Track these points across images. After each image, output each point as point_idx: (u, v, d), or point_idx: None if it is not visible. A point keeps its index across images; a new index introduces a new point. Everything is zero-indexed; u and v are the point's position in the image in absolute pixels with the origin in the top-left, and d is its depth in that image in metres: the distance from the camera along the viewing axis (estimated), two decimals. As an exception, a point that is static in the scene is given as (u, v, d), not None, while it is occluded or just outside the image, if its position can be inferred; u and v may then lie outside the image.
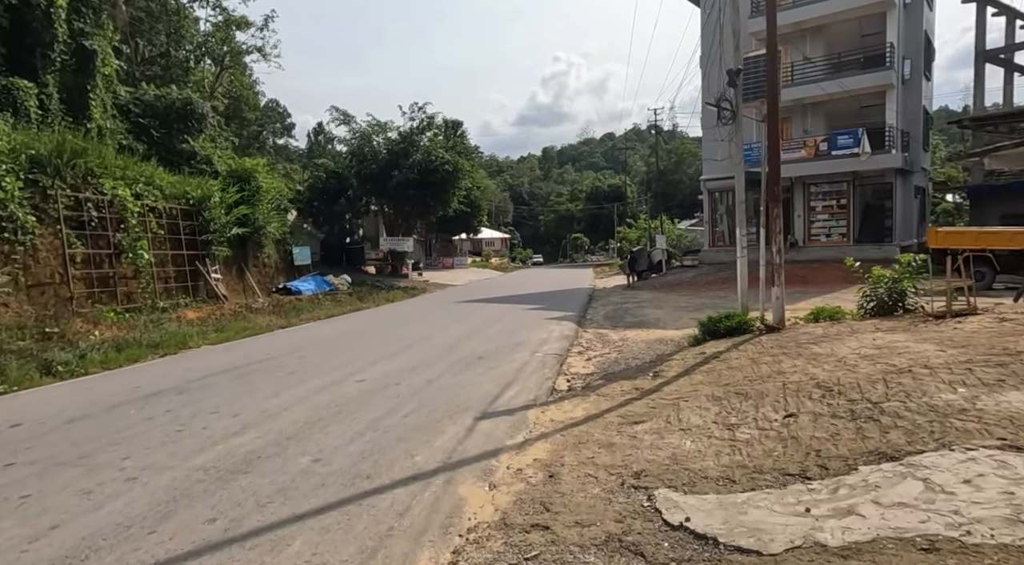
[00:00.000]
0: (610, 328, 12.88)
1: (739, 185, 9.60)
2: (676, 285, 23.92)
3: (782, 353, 6.82)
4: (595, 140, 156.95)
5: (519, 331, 12.16)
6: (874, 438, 3.94)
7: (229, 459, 4.59)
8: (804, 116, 25.29)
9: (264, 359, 9.44)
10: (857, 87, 23.29)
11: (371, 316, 16.97)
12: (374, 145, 31.53)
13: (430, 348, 10.11)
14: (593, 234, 75.93)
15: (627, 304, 17.98)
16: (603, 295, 21.93)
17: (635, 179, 75.25)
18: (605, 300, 19.91)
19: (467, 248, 74.42)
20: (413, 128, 31.35)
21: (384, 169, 30.25)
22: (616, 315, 15.16)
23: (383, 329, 13.48)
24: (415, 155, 30.14)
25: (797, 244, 25.17)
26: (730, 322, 8.79)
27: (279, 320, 15.95)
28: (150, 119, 24.31)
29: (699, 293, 20.71)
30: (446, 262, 45.68)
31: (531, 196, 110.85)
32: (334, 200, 32.24)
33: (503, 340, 10.83)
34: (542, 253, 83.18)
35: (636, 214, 54.26)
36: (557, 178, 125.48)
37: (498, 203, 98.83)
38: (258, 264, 24.02)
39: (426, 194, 30.49)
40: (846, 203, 24.65)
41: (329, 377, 7.69)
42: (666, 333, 11.51)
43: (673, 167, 63.77)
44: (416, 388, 6.94)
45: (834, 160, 23.47)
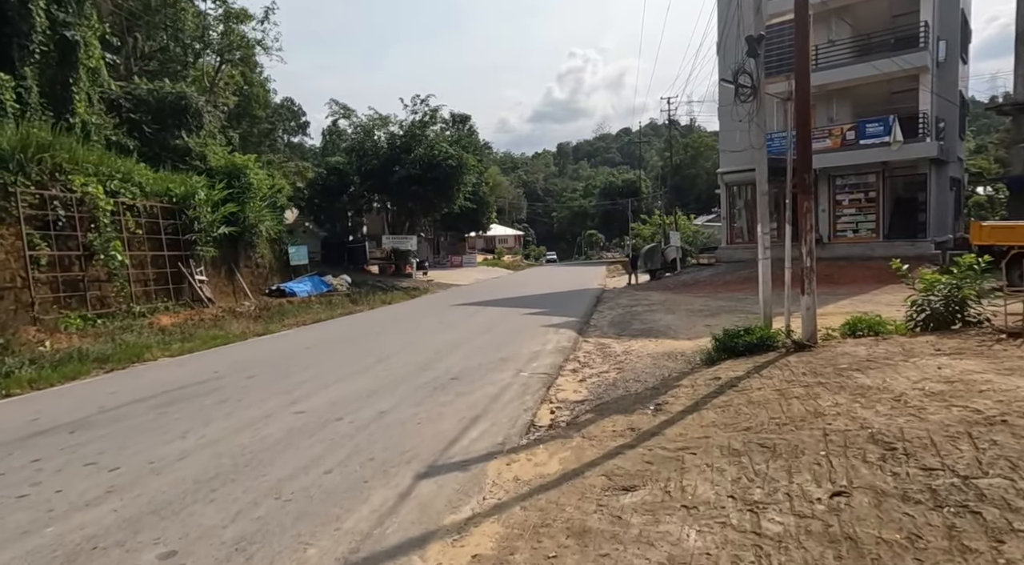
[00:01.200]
0: (614, 337, 11.49)
1: (760, 174, 8.16)
2: (691, 285, 22.38)
3: (818, 383, 5.40)
4: (611, 136, 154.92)
5: (511, 342, 10.82)
6: (982, 551, 2.54)
7: (38, 558, 3.30)
8: (829, 103, 23.57)
9: (208, 379, 8.22)
10: (888, 71, 21.50)
11: (358, 321, 15.74)
12: (375, 140, 30.34)
13: (401, 365, 8.81)
14: (607, 230, 74.24)
15: (636, 307, 16.54)
16: (612, 297, 20.49)
17: (651, 174, 73.40)
18: (613, 302, 18.49)
19: (480, 246, 73.22)
20: (415, 121, 30.08)
21: (385, 164, 29.05)
22: (623, 321, 13.74)
23: (360, 338, 12.23)
24: (417, 149, 28.89)
25: (822, 241, 23.47)
26: (750, 337, 7.37)
27: (257, 326, 14.78)
28: (142, 114, 23.31)
29: (715, 294, 19.19)
30: (454, 261, 44.46)
31: (546, 192, 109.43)
32: (336, 197, 31.15)
33: (489, 354, 9.50)
34: (556, 250, 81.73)
35: (651, 210, 52.55)
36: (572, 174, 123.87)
37: (511, 200, 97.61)
38: (250, 265, 22.96)
39: (429, 190, 29.23)
40: (875, 196, 22.90)
41: (265, 407, 6.43)
42: (676, 344, 10.09)
43: (690, 161, 61.83)
44: (360, 424, 5.64)
45: (862, 150, 21.77)
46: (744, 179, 25.45)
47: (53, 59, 18.90)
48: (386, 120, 30.22)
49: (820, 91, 23.44)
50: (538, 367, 8.41)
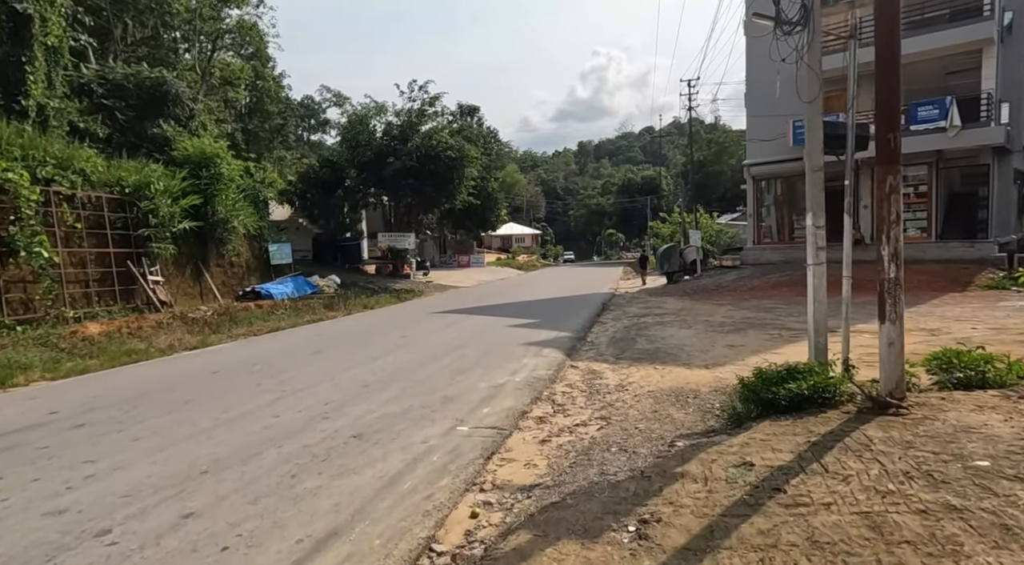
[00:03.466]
0: (610, 361, 9.01)
1: (814, 141, 5.62)
2: (712, 291, 19.72)
3: (943, 505, 2.90)
4: (633, 134, 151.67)
5: (472, 369, 8.40)
6: None
7: None
8: (872, 85, 20.62)
9: (27, 426, 5.96)
10: (944, 45, 18.63)
11: (314, 333, 13.45)
12: (371, 129, 28.16)
13: (299, 409, 6.44)
14: (626, 229, 71.43)
15: (646, 317, 14.00)
16: (622, 303, 17.94)
17: (673, 171, 70.33)
18: (621, 311, 15.96)
19: (496, 245, 71.06)
20: (412, 110, 27.82)
21: (379, 156, 26.86)
22: (626, 337, 11.23)
23: (289, 358, 9.90)
24: (414, 140, 26.63)
25: (863, 241, 20.61)
26: (799, 386, 4.83)
27: (195, 338, 12.58)
28: (116, 100, 21.41)
29: (740, 302, 16.56)
30: (461, 260, 42.18)
31: (565, 191, 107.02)
32: (330, 192, 29.04)
33: (432, 390, 7.10)
34: (575, 250, 79.24)
35: (671, 208, 49.68)
36: (593, 173, 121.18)
37: (530, 198, 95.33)
38: (222, 263, 20.87)
39: (426, 184, 26.97)
40: (927, 191, 20.00)
41: (14, 497, 4.13)
42: (689, 376, 7.60)
43: (713, 157, 58.71)
44: (124, 551, 3.29)
45: (913, 137, 18.86)
46: (774, 171, 22.71)
47: (4, 35, 16.96)
48: (382, 108, 28.02)
49: (863, 71, 20.46)
50: (488, 415, 5.98)
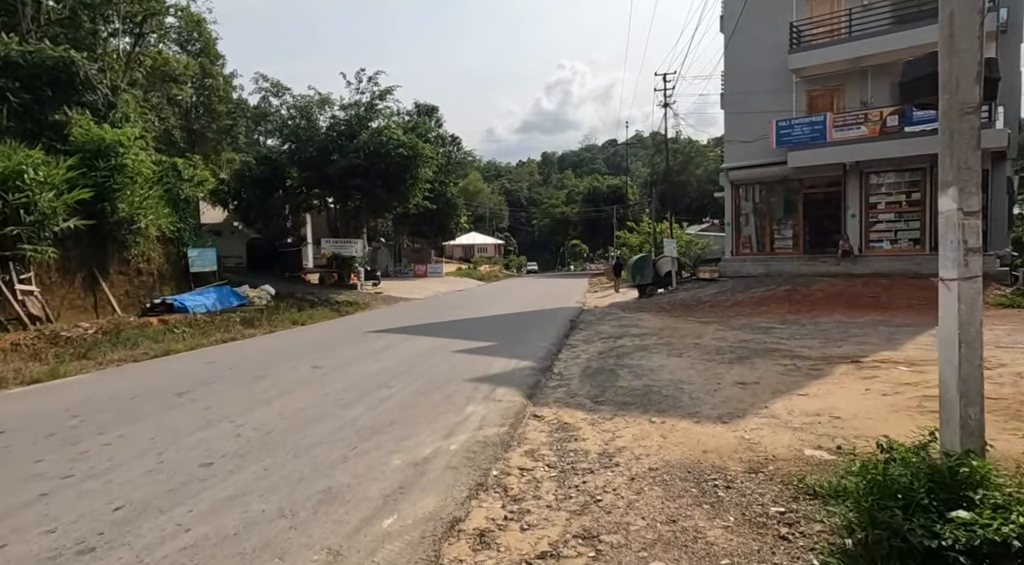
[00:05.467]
0: (588, 407, 6.60)
1: (961, 61, 3.31)
2: (692, 306, 17.61)
3: None
4: (597, 146, 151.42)
5: (391, 426, 5.86)
6: None
7: None
8: (863, 82, 19.06)
9: None
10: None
11: (205, 360, 10.62)
12: (314, 123, 25.34)
13: (27, 539, 3.83)
14: (591, 239, 69.80)
15: (624, 339, 11.68)
16: (592, 321, 15.62)
17: (637, 181, 69.17)
18: (593, 330, 13.63)
19: (458, 254, 68.56)
20: (361, 103, 25.14)
21: (323, 153, 24.07)
22: (604, 368, 8.85)
23: (130, 409, 7.12)
24: (361, 135, 23.96)
25: (851, 253, 18.92)
26: (993, 526, 2.41)
27: (44, 366, 9.67)
28: (7, 80, 18.13)
29: (728, 320, 14.42)
30: (418, 270, 39.43)
31: (529, 201, 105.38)
32: (269, 192, 26.04)
33: (308, 477, 4.51)
34: (539, 260, 77.34)
35: (638, 218, 48.00)
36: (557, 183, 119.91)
37: (493, 208, 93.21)
38: (127, 271, 17.78)
39: (376, 184, 24.27)
40: (920, 198, 18.38)
41: None
42: (703, 437, 5.25)
43: (680, 167, 57.47)
44: None
45: (907, 139, 17.25)
46: (755, 176, 20.87)
47: None
48: (327, 100, 25.23)
49: (852, 67, 18.97)
50: (390, 534, 3.46)
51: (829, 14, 19.08)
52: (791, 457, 4.75)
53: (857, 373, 7.97)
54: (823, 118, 18.51)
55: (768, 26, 19.44)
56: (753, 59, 20.24)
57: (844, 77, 19.22)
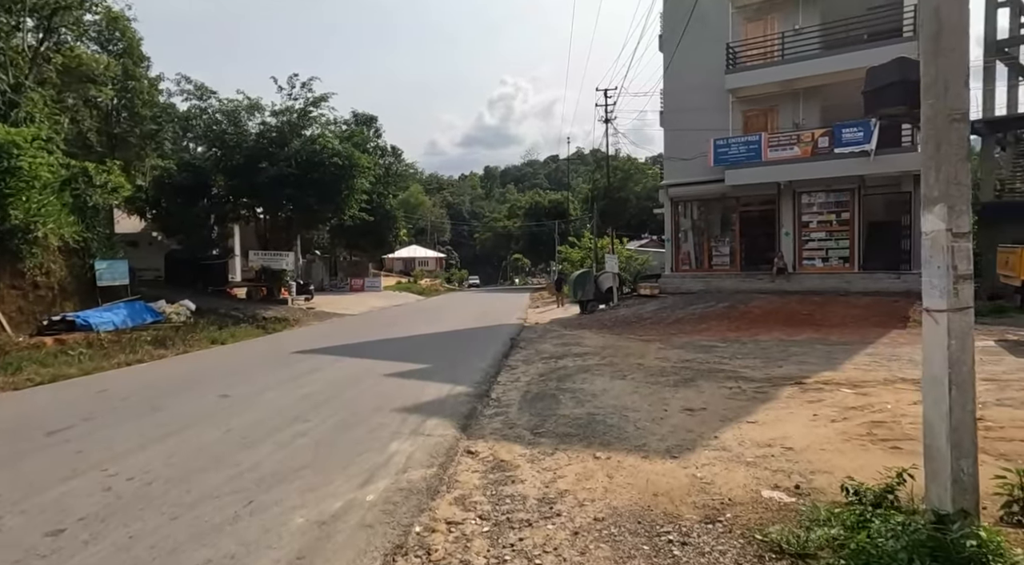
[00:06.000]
0: (527, 441, 6.02)
1: (951, 62, 2.96)
2: (634, 323, 17.41)
3: None
4: (539, 162, 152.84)
5: (298, 473, 5.10)
6: None
7: None
8: (795, 104, 19.57)
9: None
10: (868, 64, 17.59)
11: (98, 388, 9.43)
12: (243, 130, 23.97)
13: None
14: (533, 254, 69.82)
15: (565, 360, 11.21)
16: (533, 339, 15.12)
17: (578, 196, 69.85)
18: (534, 349, 13.11)
19: (398, 268, 67.12)
20: (293, 109, 23.97)
21: (251, 160, 22.75)
22: (545, 392, 8.31)
23: None
24: (293, 143, 22.80)
25: (786, 270, 19.27)
26: None
27: None
28: None
29: (669, 338, 14.24)
30: (355, 284, 38.05)
31: (472, 215, 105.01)
32: (192, 201, 24.36)
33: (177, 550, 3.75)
34: (481, 274, 76.75)
35: (580, 233, 48.26)
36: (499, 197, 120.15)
37: (435, 220, 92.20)
38: (20, 284, 16.01)
39: (309, 195, 23.11)
40: (849, 218, 18.95)
41: None
42: (653, 476, 4.77)
43: (620, 184, 58.38)
44: None
45: (837, 160, 17.77)
46: (694, 193, 21.07)
47: None
48: (257, 106, 23.91)
49: (785, 89, 19.47)
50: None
51: (763, 37, 19.56)
52: (748, 500, 4.31)
53: (803, 396, 7.75)
54: (758, 138, 18.86)
55: (706, 47, 19.73)
56: (692, 78, 20.50)
57: (777, 98, 19.70)
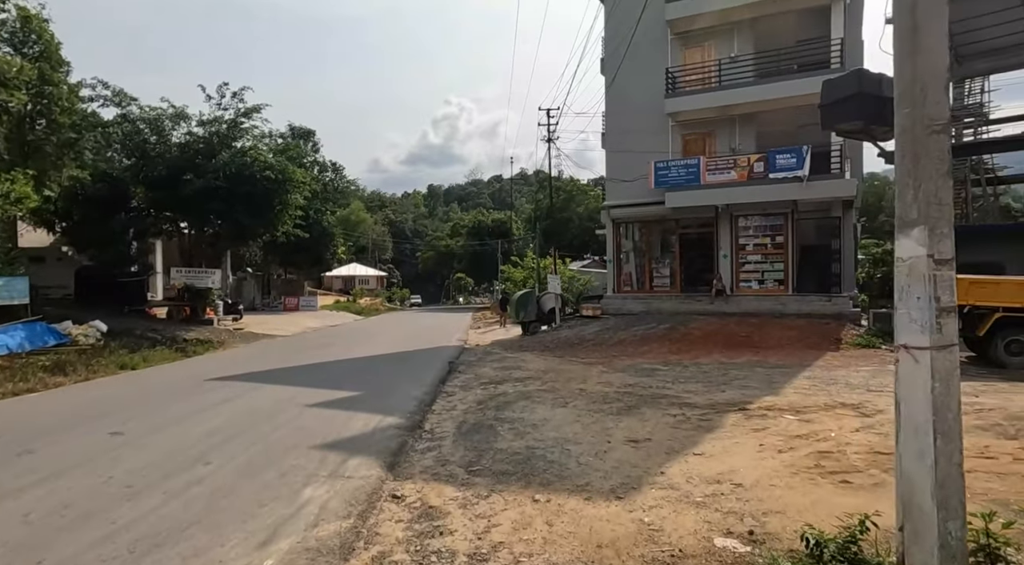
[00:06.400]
0: (460, 481, 5.46)
1: (930, 69, 2.69)
2: (576, 345, 17.13)
3: None
4: (483, 181, 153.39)
5: (188, 530, 4.37)
6: None
7: None
8: (732, 129, 20.02)
9: None
10: (798, 93, 18.33)
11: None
12: (167, 139, 22.55)
13: None
14: (476, 273, 69.38)
15: (505, 386, 10.70)
16: (473, 362, 14.55)
17: (521, 216, 70.15)
18: (473, 373, 12.54)
19: (337, 286, 65.15)
20: (222, 119, 22.76)
21: (175, 172, 21.37)
22: (482, 422, 7.76)
23: None
24: (222, 155, 21.59)
25: (724, 292, 19.49)
26: None
27: None
28: None
29: (612, 361, 14.00)
30: (289, 303, 36.42)
31: (414, 233, 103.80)
32: (109, 214, 22.62)
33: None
34: (423, 294, 75.57)
35: (523, 252, 48.20)
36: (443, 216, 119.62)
37: (376, 238, 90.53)
38: None
39: (238, 209, 21.88)
40: (783, 241, 19.39)
41: None
42: (596, 521, 4.30)
43: (562, 204, 58.95)
44: None
45: (772, 185, 18.17)
46: (636, 215, 21.17)
47: None
48: (182, 114, 22.56)
49: (722, 114, 19.89)
50: None
51: (700, 63, 19.98)
52: (701, 551, 3.90)
53: (747, 424, 7.52)
54: (697, 161, 19.14)
55: (646, 70, 19.99)
56: (632, 101, 20.70)
57: (715, 123, 20.11)
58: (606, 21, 21.87)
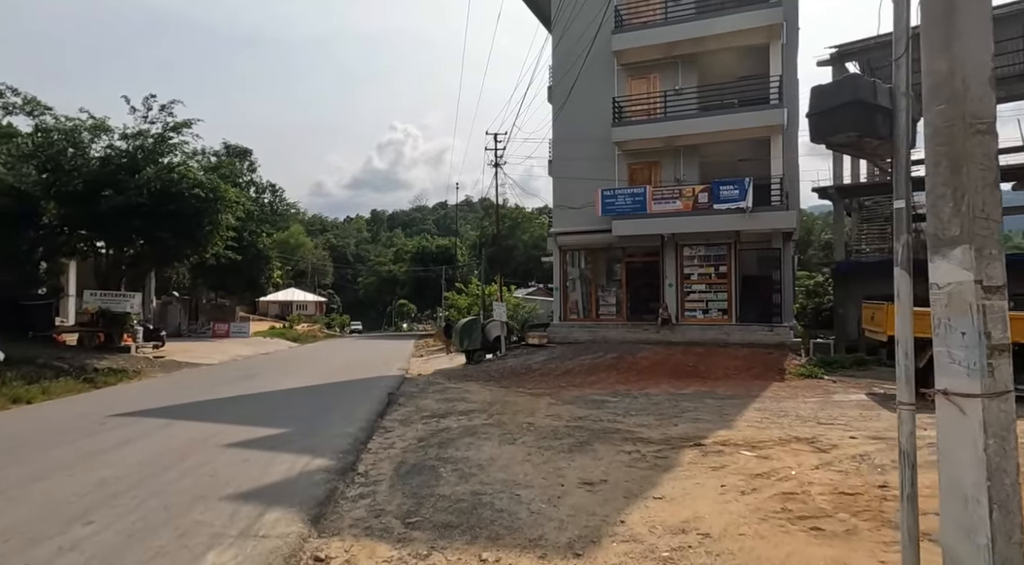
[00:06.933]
0: (396, 538, 4.75)
1: (975, 50, 2.33)
2: (522, 374, 16.57)
3: None
4: (427, 208, 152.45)
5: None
6: None
7: None
8: (676, 159, 20.28)
9: None
10: (741, 127, 18.79)
11: None
12: (84, 152, 20.88)
13: None
14: (419, 300, 68.10)
15: (449, 420, 9.99)
16: (414, 393, 13.74)
17: (466, 243, 69.74)
18: (414, 405, 11.76)
19: (274, 312, 62.45)
20: (148, 133, 21.31)
21: (94, 186, 19.75)
22: (423, 464, 7.05)
23: None
24: (146, 170, 20.15)
25: (670, 321, 19.45)
26: None
27: None
28: None
29: (559, 391, 13.51)
30: (218, 329, 34.35)
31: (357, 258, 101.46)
32: (13, 231, 20.60)
33: None
34: (364, 320, 73.51)
35: (467, 279, 47.59)
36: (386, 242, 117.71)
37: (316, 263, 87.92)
38: None
39: (163, 229, 20.39)
40: (727, 271, 19.61)
41: None
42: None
43: (508, 231, 58.94)
44: None
45: (716, 216, 18.39)
46: (583, 242, 21.02)
47: None
48: (103, 126, 20.97)
49: (667, 145, 20.13)
50: None
51: (646, 94, 20.25)
52: (676, 623, 3.36)
53: (705, 461, 7.13)
54: (643, 190, 19.20)
55: (593, 99, 20.08)
56: (580, 129, 20.72)
57: (660, 153, 20.32)
58: (553, 50, 21.94)
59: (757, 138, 19.34)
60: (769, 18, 18.12)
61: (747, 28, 18.46)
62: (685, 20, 19.18)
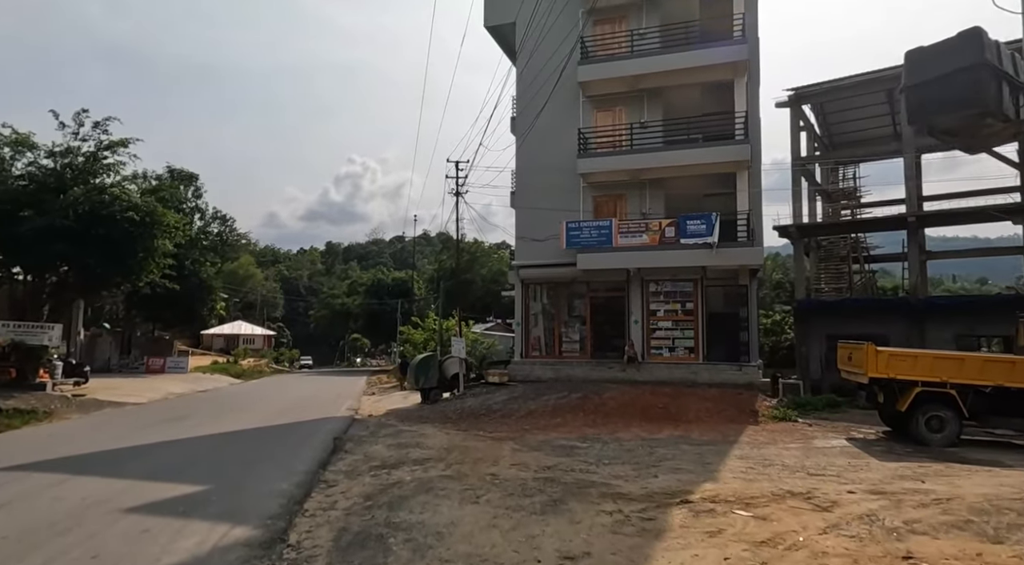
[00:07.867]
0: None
1: None
2: (482, 416, 15.41)
3: None
4: (384, 241, 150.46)
5: None
6: None
7: None
8: (642, 192, 19.86)
9: None
10: (704, 161, 18.54)
11: None
12: (6, 169, 19.09)
13: None
14: (374, 334, 66.03)
15: (401, 471, 8.79)
16: (364, 437, 12.41)
17: (424, 277, 68.37)
18: (363, 453, 10.48)
19: (218, 346, 59.26)
20: (77, 150, 19.69)
21: (12, 205, 17.98)
22: (370, 531, 5.86)
23: None
24: (74, 190, 18.50)
25: (636, 359, 18.71)
26: None
27: None
28: None
29: (524, 435, 12.45)
30: (153, 364, 31.87)
31: (309, 291, 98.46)
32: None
33: None
34: (316, 354, 70.61)
35: (424, 313, 46.21)
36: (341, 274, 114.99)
37: (266, 294, 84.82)
38: None
39: (91, 254, 18.65)
40: (693, 308, 19.08)
41: None
42: None
43: (466, 266, 57.96)
44: None
45: (683, 251, 17.92)
46: (547, 276, 20.24)
47: None
48: (26, 142, 19.24)
49: (633, 178, 19.71)
50: None
51: (612, 126, 19.92)
52: None
53: (697, 524, 6.18)
54: (609, 224, 18.65)
55: (558, 130, 19.63)
56: (544, 160, 20.19)
57: (626, 186, 19.90)
58: (518, 79, 21.52)
59: (722, 173, 19.14)
60: (734, 55, 18.11)
61: (712, 64, 18.41)
62: (651, 54, 19.03)
